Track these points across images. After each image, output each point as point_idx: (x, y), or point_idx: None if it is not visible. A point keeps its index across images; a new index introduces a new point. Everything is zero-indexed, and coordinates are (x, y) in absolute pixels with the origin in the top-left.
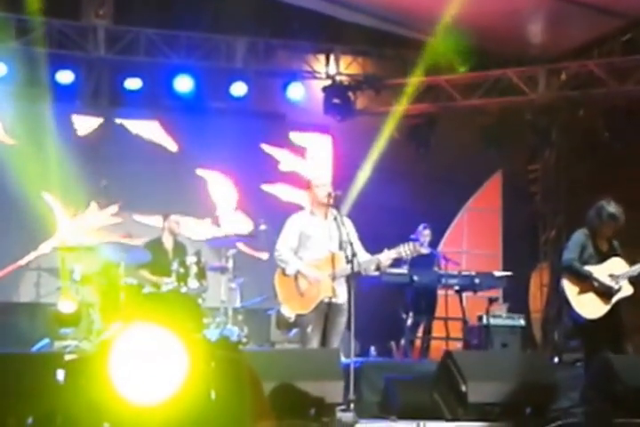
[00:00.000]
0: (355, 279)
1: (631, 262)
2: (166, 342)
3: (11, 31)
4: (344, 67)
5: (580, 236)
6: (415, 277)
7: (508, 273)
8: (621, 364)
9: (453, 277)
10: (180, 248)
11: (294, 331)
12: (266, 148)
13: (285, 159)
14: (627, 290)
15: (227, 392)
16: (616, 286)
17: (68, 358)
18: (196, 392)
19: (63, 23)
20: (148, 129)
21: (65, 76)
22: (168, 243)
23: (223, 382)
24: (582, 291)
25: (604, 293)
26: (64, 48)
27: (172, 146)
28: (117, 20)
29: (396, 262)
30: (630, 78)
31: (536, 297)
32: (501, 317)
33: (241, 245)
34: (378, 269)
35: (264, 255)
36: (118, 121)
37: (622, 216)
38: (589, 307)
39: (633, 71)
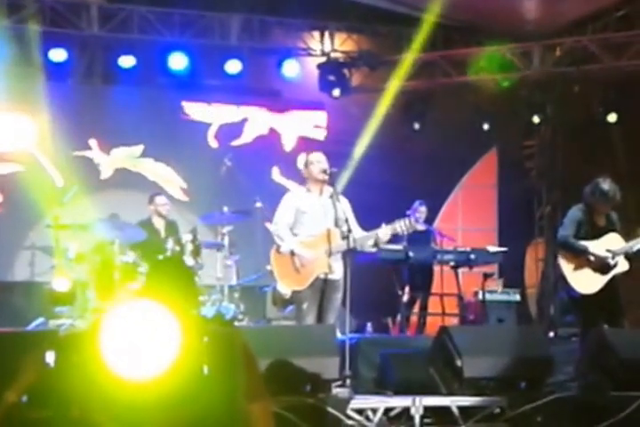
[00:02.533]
0: (351, 256)
1: (627, 238)
2: (158, 318)
3: (3, 9)
4: (339, 44)
5: (575, 212)
6: (411, 254)
7: (504, 249)
8: (616, 338)
9: (449, 253)
10: (171, 227)
11: (290, 308)
12: None
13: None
14: (623, 266)
15: (219, 368)
16: (612, 261)
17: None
18: (188, 368)
19: (56, 1)
20: None
21: (58, 55)
22: (158, 223)
23: (216, 358)
24: (578, 266)
25: (600, 268)
26: (57, 26)
27: None
28: None
29: (394, 239)
30: (625, 54)
31: (531, 272)
32: (497, 292)
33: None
34: (376, 244)
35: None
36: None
37: (617, 194)
38: (585, 282)
39: (627, 47)
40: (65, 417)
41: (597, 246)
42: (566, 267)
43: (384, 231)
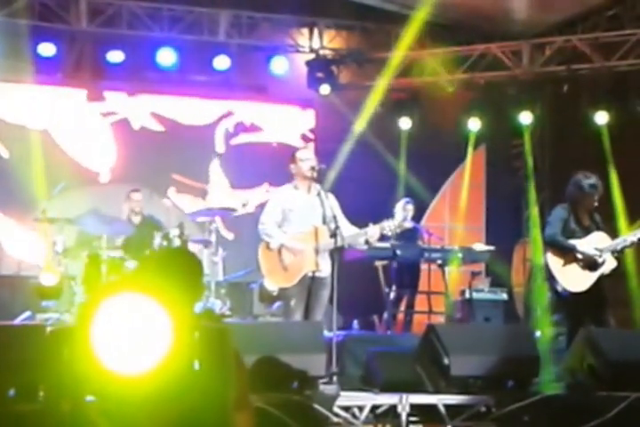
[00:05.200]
0: (338, 253)
1: (613, 236)
2: (149, 312)
3: None
4: (327, 41)
5: (560, 211)
6: (398, 252)
7: (491, 247)
8: (604, 337)
9: (436, 251)
10: (148, 223)
11: (277, 304)
12: None
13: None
14: (610, 264)
15: (210, 363)
16: (600, 259)
17: (49, 330)
18: (179, 362)
19: None
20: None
21: (47, 49)
22: (135, 219)
23: (207, 353)
24: (566, 265)
25: (588, 266)
26: (46, 20)
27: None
28: None
29: (382, 237)
30: (615, 54)
31: (519, 271)
32: (484, 291)
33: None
34: (367, 242)
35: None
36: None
37: (601, 185)
38: (574, 280)
39: (617, 47)
40: (55, 411)
41: (585, 244)
42: (554, 265)
43: (372, 230)
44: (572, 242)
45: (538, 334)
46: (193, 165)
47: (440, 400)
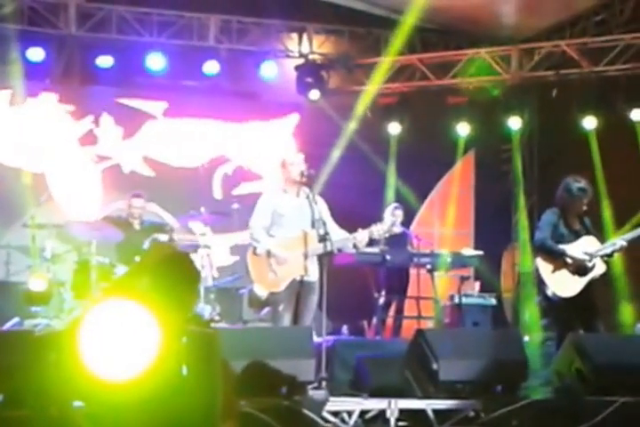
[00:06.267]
0: (327, 258)
1: (603, 241)
2: (137, 317)
3: None
4: (317, 45)
5: (550, 215)
6: (387, 257)
7: (480, 252)
8: (592, 342)
9: (425, 256)
10: (148, 227)
11: (266, 310)
12: None
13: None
14: (600, 268)
15: (198, 368)
16: (589, 264)
17: (37, 335)
18: (166, 368)
19: (34, 0)
20: None
21: (36, 54)
22: (136, 223)
23: (195, 358)
24: (556, 269)
25: (578, 271)
26: (35, 25)
27: None
28: None
29: (371, 241)
30: (603, 59)
31: (507, 276)
32: (473, 296)
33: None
34: (355, 247)
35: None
36: None
37: (590, 189)
38: (564, 285)
39: (605, 52)
40: (43, 416)
41: (574, 249)
42: (544, 269)
43: (361, 235)
44: (562, 247)
45: (526, 338)
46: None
47: (429, 405)
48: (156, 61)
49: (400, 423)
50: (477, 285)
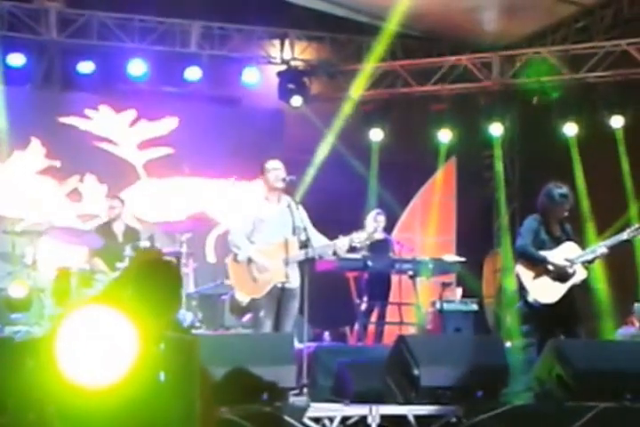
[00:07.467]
0: (308, 264)
1: (584, 247)
2: (114, 324)
3: None
4: (299, 52)
5: (531, 222)
6: (369, 263)
7: (462, 259)
8: (572, 348)
9: (407, 262)
10: (131, 233)
11: (248, 316)
12: None
13: None
14: (581, 274)
15: (176, 375)
16: (570, 270)
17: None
18: (144, 375)
19: (14, 5)
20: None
21: (16, 59)
22: (118, 227)
23: (173, 365)
24: (537, 276)
25: (559, 277)
26: (15, 31)
27: None
28: (70, 3)
29: (354, 248)
30: (583, 66)
31: (489, 282)
32: (455, 302)
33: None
34: (335, 254)
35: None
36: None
37: (572, 195)
38: (545, 292)
39: (586, 59)
40: (21, 423)
41: (555, 255)
42: (525, 276)
43: (341, 242)
44: (543, 253)
45: (508, 344)
46: None
47: (410, 411)
48: (137, 67)
49: None
50: (459, 291)
